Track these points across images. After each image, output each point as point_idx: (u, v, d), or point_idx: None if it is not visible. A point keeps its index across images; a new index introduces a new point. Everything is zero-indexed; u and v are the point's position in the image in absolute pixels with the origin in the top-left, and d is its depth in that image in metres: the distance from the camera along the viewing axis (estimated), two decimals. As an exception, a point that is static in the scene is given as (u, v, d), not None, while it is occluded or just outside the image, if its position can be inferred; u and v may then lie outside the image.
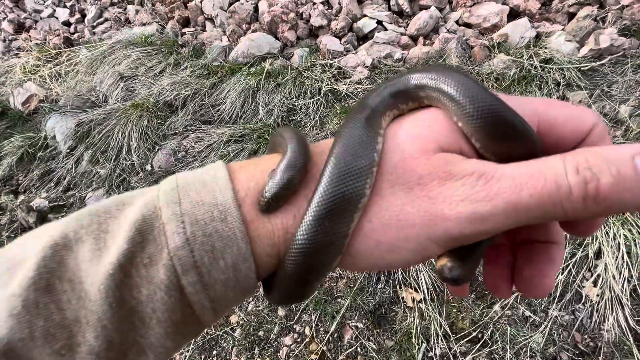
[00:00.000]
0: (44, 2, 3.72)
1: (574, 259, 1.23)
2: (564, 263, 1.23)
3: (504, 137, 0.19)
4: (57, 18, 3.51)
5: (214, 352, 1.28)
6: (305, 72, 2.16)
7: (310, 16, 2.42)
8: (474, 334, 1.19)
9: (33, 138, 2.30)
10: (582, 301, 1.18)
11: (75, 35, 3.28)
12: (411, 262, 0.20)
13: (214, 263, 0.20)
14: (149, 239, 0.20)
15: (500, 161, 0.19)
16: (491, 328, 1.19)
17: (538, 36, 1.98)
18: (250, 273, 0.21)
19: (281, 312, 1.35)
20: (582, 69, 1.77)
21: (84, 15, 3.43)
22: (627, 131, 1.51)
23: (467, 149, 0.21)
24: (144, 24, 2.99)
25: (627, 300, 1.13)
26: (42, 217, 1.96)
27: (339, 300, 1.33)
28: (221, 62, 2.42)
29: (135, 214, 0.21)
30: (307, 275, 0.21)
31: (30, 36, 3.36)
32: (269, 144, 0.28)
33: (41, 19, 3.52)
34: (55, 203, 2.03)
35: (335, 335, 1.26)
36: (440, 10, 2.24)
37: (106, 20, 3.28)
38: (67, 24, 3.46)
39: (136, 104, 2.23)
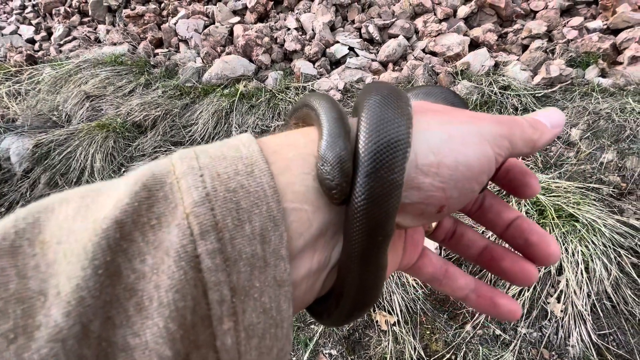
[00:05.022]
0: (7, 18, 3.58)
1: (538, 275, 1.27)
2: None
3: None
4: (20, 35, 3.37)
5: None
6: (279, 94, 2.18)
7: (284, 41, 2.48)
8: (448, 355, 1.18)
9: (-16, 159, 2.14)
10: (548, 317, 1.22)
11: (40, 53, 3.15)
12: (484, 163, 0.21)
13: (239, 228, 0.16)
14: (159, 195, 0.16)
15: None
16: (464, 349, 1.19)
17: (496, 65, 2.14)
18: (280, 248, 0.16)
19: (252, 341, 1.29)
20: (537, 95, 1.91)
21: (50, 34, 3.32)
22: (578, 152, 1.63)
23: None
24: (115, 44, 2.94)
25: (589, 315, 1.17)
26: (-11, 246, 1.79)
27: (312, 326, 1.29)
28: (194, 83, 2.40)
29: (140, 171, 0.17)
30: (378, 218, 0.18)
31: (-11, 53, 3.20)
32: (292, 112, 0.27)
33: (2, 35, 3.37)
34: (6, 230, 1.87)
35: (309, 364, 1.21)
36: (408, 39, 2.38)
37: (74, 39, 3.19)
38: (31, 41, 3.33)
39: (102, 124, 2.14)
